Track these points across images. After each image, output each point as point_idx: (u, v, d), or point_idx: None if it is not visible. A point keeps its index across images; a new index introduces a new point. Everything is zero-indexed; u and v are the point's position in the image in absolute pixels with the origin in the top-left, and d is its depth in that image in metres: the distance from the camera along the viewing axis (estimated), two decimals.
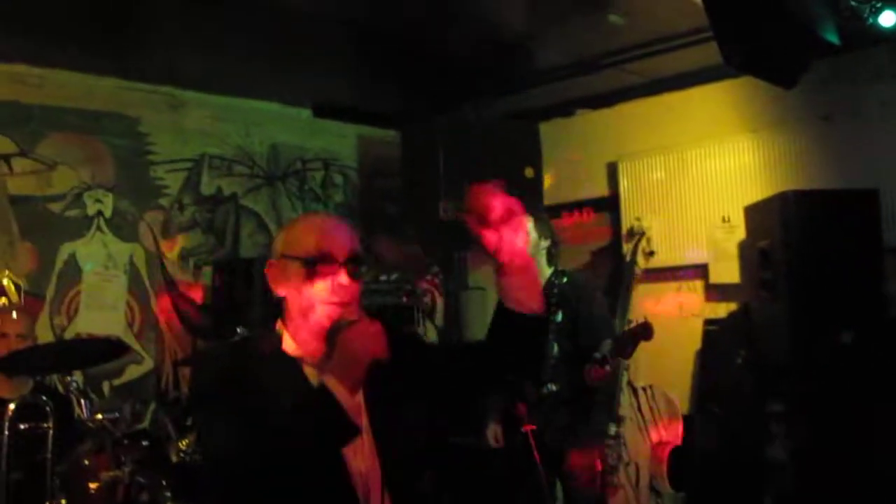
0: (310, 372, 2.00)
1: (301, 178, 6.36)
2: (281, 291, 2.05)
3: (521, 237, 1.96)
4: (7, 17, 4.36)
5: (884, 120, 4.82)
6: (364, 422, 1.96)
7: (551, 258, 4.46)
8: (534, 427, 4.03)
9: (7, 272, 1.55)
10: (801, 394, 4.51)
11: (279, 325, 2.08)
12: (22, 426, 3.28)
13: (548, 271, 4.42)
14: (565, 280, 4.38)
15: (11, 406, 3.29)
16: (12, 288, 1.59)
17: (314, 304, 1.98)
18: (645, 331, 4.15)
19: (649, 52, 5.14)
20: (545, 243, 4.41)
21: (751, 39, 3.66)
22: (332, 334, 1.93)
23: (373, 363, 1.86)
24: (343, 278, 1.98)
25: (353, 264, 2.01)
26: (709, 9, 3.69)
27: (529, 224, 4.39)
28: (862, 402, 4.20)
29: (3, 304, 1.52)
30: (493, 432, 4.55)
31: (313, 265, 1.98)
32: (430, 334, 6.62)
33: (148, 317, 5.51)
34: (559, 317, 4.29)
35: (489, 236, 1.94)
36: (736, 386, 5.07)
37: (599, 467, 4.32)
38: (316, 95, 6.22)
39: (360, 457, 1.97)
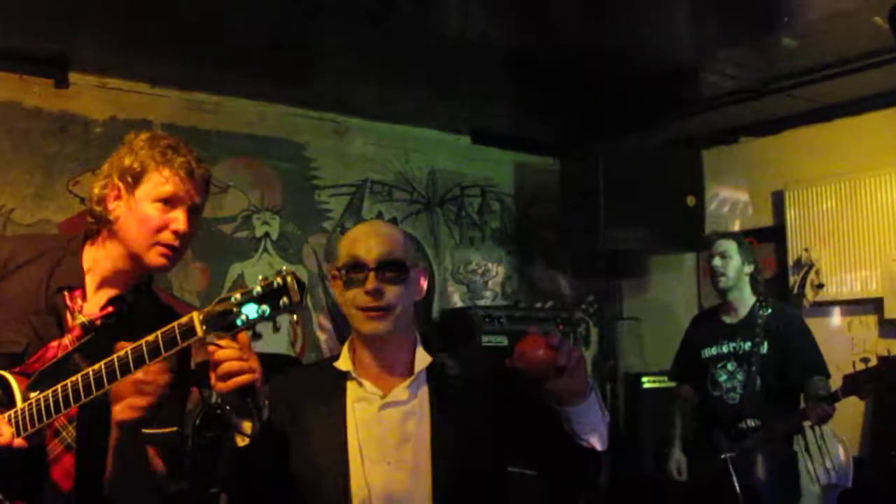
0: (350, 386, 2.03)
1: (459, 204, 6.41)
2: (341, 305, 2.07)
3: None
4: (191, 49, 4.61)
5: None
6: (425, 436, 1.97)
7: (756, 286, 4.32)
8: (733, 453, 3.88)
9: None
10: None
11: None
12: (203, 435, 3.39)
13: (751, 300, 4.29)
14: (770, 311, 4.22)
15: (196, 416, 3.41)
16: None
17: (352, 313, 1.99)
18: (892, 372, 3.89)
19: (821, 76, 4.95)
20: (749, 269, 4.28)
21: None
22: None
23: None
24: (371, 283, 1.95)
25: (386, 269, 1.97)
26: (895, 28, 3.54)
27: (733, 248, 4.29)
28: None
29: None
30: (676, 463, 4.42)
31: (346, 273, 1.99)
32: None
33: (310, 337, 5.64)
34: (764, 348, 4.14)
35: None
36: None
37: None
38: (475, 122, 6.27)
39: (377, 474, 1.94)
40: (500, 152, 6.58)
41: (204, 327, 1.67)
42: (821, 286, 5.44)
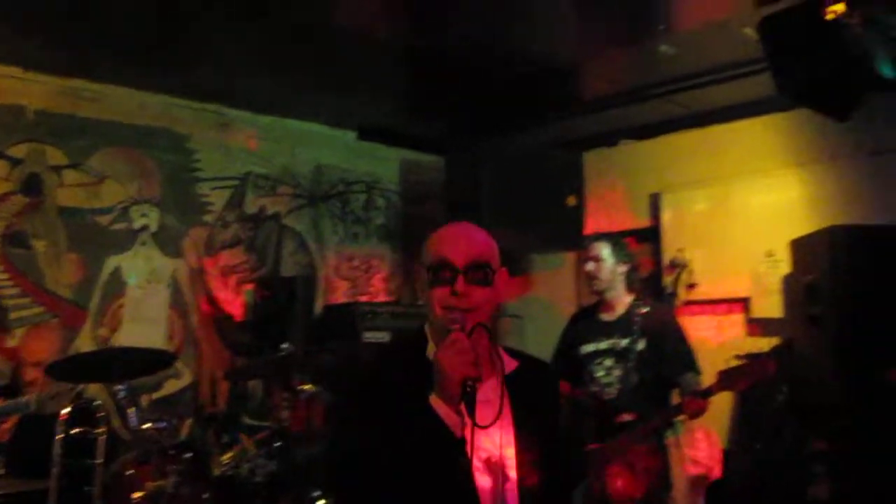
0: None
1: (343, 199, 6.40)
2: (423, 298, 2.12)
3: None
4: (69, 34, 4.46)
5: None
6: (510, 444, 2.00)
7: (631, 284, 4.40)
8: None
9: None
10: (846, 432, 4.43)
11: (426, 329, 2.15)
12: (73, 431, 3.31)
13: (628, 298, 4.37)
14: (646, 309, 4.32)
15: (64, 411, 3.32)
16: None
17: (437, 310, 2.03)
18: (764, 369, 3.96)
19: (697, 83, 5.13)
20: (623, 268, 4.36)
21: (806, 71, 3.65)
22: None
23: (469, 382, 1.86)
24: (459, 285, 2.00)
25: (474, 271, 2.03)
26: (764, 39, 3.69)
27: (606, 250, 4.37)
28: None
29: None
30: None
31: (434, 272, 2.04)
32: None
33: (188, 332, 5.54)
34: (641, 345, 4.24)
35: None
36: (777, 423, 4.99)
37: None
38: (361, 118, 6.26)
39: (490, 475, 1.97)
40: (386, 149, 6.59)
41: None
42: (693, 286, 5.62)
